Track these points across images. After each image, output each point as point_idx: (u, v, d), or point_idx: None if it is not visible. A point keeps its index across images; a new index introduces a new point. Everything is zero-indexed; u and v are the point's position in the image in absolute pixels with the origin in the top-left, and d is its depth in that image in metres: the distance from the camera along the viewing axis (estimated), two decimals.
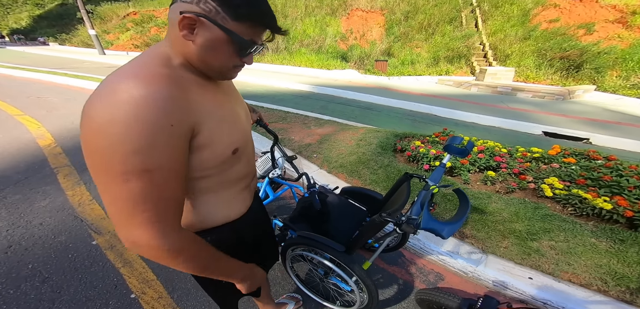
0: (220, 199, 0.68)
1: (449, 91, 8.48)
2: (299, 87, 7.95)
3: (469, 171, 2.51)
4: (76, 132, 3.63)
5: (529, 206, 2.04)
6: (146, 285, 1.54)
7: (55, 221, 2.02)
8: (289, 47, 13.40)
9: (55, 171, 2.68)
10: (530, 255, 1.65)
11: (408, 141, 3.07)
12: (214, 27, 0.49)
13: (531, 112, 6.03)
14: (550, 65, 8.90)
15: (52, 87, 6.47)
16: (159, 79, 0.47)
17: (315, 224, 1.35)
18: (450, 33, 11.31)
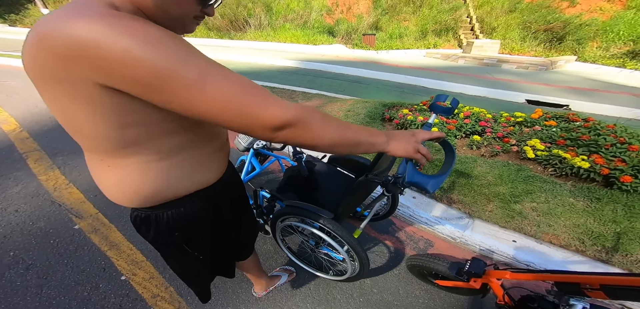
0: (194, 159, 0.61)
1: (437, 63, 8.46)
2: (285, 64, 7.67)
3: (455, 136, 2.56)
4: (42, 115, 3.38)
5: (512, 168, 2.11)
6: (136, 266, 1.51)
7: (31, 207, 1.91)
8: (272, 22, 12.69)
9: (24, 156, 2.51)
10: (514, 218, 1.71)
11: (396, 110, 3.08)
12: None
13: (515, 82, 6.16)
14: (535, 38, 9.01)
15: (8, 71, 5.94)
16: (112, 14, 0.39)
17: (303, 194, 1.33)
18: (438, 6, 11.09)
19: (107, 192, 0.58)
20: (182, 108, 0.43)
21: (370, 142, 0.58)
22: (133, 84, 0.40)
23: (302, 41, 10.95)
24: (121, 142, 0.49)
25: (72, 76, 0.39)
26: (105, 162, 0.53)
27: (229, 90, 0.43)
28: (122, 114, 0.45)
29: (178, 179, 0.59)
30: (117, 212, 1.86)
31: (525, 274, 0.92)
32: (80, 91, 0.41)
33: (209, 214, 0.70)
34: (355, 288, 1.42)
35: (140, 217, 0.63)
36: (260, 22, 12.54)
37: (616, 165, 1.84)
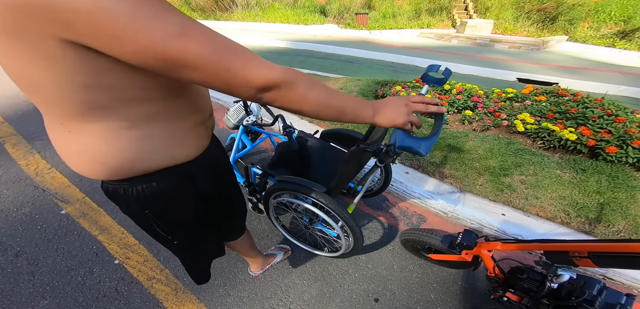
0: (170, 131, 0.55)
1: (430, 43, 8.38)
2: (275, 44, 7.47)
3: (448, 111, 2.57)
4: (16, 99, 3.18)
5: (502, 141, 2.15)
6: (129, 250, 1.49)
7: (13, 193, 1.83)
8: (260, 2, 12.12)
9: (1, 141, 2.38)
10: (503, 191, 1.75)
11: (389, 87, 3.07)
12: None
13: (507, 62, 6.19)
14: (528, 18, 8.98)
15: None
16: None
17: (296, 169, 1.32)
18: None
19: (69, 161, 0.52)
20: (156, 60, 0.38)
21: (356, 112, 0.56)
22: (96, 34, 0.35)
23: (292, 21, 10.57)
24: (84, 105, 0.43)
25: (30, 29, 0.34)
26: (66, 127, 0.47)
27: (214, 43, 0.40)
28: (85, 74, 0.40)
29: (150, 151, 0.54)
30: (105, 197, 1.81)
31: (515, 245, 0.94)
32: (39, 47, 0.36)
33: (186, 192, 0.65)
34: (350, 263, 1.44)
35: (109, 190, 0.59)
36: (247, 2, 11.96)
37: (602, 136, 1.89)
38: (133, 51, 0.37)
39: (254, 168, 1.41)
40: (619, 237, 1.47)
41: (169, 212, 0.65)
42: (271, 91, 0.45)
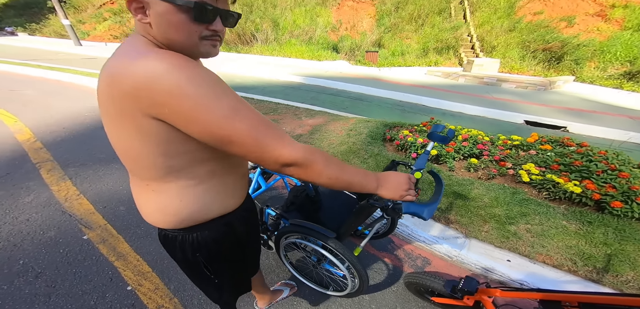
0: (223, 185, 0.67)
1: (437, 81, 8.63)
2: (290, 78, 7.87)
3: (453, 158, 2.62)
4: (56, 126, 3.49)
5: (508, 191, 2.18)
6: (142, 277, 1.56)
7: (42, 216, 1.97)
8: (278, 38, 13.11)
9: (38, 166, 2.59)
10: (509, 238, 1.76)
11: (397, 130, 3.15)
12: (156, 1, 0.48)
13: (514, 102, 6.27)
14: (534, 57, 9.21)
15: (25, 80, 6.12)
16: (169, 53, 0.49)
17: (307, 213, 1.39)
18: (439, 24, 11.42)
19: (149, 215, 0.65)
20: (213, 138, 0.50)
21: (363, 185, 0.66)
22: (177, 115, 0.48)
23: (306, 56, 11.27)
24: (167, 169, 0.57)
25: (132, 110, 0.48)
26: (151, 187, 0.60)
27: (253, 124, 0.51)
28: (169, 143, 0.53)
29: (209, 203, 0.66)
30: (125, 224, 1.93)
31: (513, 293, 0.99)
32: (137, 123, 0.50)
33: (230, 237, 0.75)
34: (355, 303, 1.46)
35: (169, 237, 0.69)
36: (266, 37, 12.96)
37: (607, 191, 1.89)
38: (198, 130, 0.50)
39: (268, 210, 1.50)
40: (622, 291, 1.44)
41: (215, 256, 0.75)
42: (293, 166, 0.55)
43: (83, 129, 3.44)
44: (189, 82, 0.46)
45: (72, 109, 4.15)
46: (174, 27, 0.50)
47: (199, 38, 0.52)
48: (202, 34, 0.52)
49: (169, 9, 0.48)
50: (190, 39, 0.52)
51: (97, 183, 2.36)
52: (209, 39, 0.54)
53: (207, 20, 0.51)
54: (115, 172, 2.50)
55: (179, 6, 0.48)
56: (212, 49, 0.56)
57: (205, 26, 0.52)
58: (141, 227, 1.90)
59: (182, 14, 0.49)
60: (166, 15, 0.49)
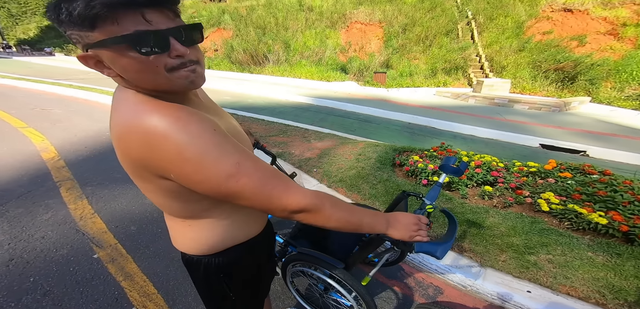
0: (248, 215, 0.71)
1: (446, 102, 8.61)
2: (299, 99, 8.07)
3: (466, 185, 2.54)
4: (79, 145, 3.67)
5: (526, 220, 2.07)
6: (147, 299, 1.55)
7: (57, 234, 2.03)
8: (289, 58, 13.66)
9: (58, 184, 2.70)
10: (528, 268, 1.67)
11: (407, 156, 3.10)
12: (97, 51, 0.43)
13: (528, 124, 6.12)
14: (546, 77, 9.09)
15: (56, 99, 6.55)
16: (164, 105, 0.48)
17: (314, 240, 1.37)
18: (447, 45, 11.60)
19: (183, 244, 0.69)
20: (220, 195, 0.51)
21: (372, 225, 0.66)
22: (182, 178, 0.49)
23: (316, 77, 11.62)
24: (194, 212, 0.62)
25: (146, 173, 0.51)
26: (187, 223, 0.65)
27: (258, 178, 0.52)
28: (187, 195, 0.56)
29: (237, 231, 0.70)
30: (135, 244, 1.95)
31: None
32: (154, 183, 0.53)
33: (251, 261, 0.78)
34: None
35: (193, 260, 0.71)
36: (278, 58, 13.55)
37: (635, 222, 1.77)
38: (204, 189, 0.51)
39: (276, 237, 1.49)
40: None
41: (237, 278, 0.77)
42: (302, 213, 0.56)
43: (103, 148, 3.61)
44: (189, 146, 0.45)
45: (94, 129, 4.37)
46: (133, 71, 0.45)
47: (166, 71, 0.46)
48: (168, 65, 0.45)
49: (113, 55, 0.43)
50: (158, 77, 0.45)
51: (112, 202, 2.43)
52: (180, 69, 0.47)
53: (159, 48, 0.44)
54: (129, 192, 2.57)
55: (117, 47, 0.42)
56: (191, 76, 0.48)
57: (164, 56, 0.45)
58: (150, 248, 1.92)
59: (126, 54, 0.43)
60: (117, 62, 0.44)
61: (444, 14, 12.56)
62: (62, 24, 0.42)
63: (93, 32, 0.41)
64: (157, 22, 0.44)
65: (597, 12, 9.62)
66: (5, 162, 3.11)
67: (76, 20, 0.40)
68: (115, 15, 0.41)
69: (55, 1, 0.40)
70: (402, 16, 13.33)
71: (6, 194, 2.49)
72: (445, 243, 0.75)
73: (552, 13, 10.41)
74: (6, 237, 1.97)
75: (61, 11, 0.40)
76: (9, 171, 2.91)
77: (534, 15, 10.69)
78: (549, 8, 10.52)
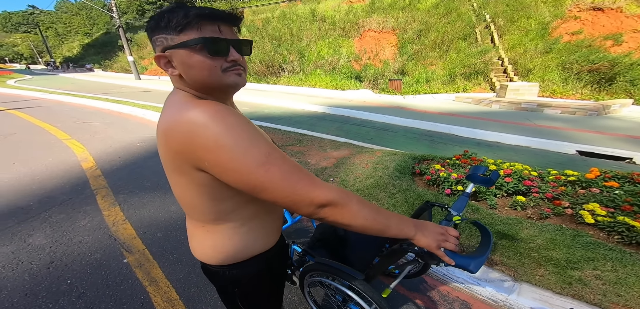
0: (262, 225, 0.72)
1: (467, 108, 8.27)
2: (314, 109, 8.15)
3: (495, 195, 2.38)
4: (114, 155, 3.96)
5: (567, 233, 1.89)
6: (169, 304, 1.59)
7: (92, 239, 2.17)
8: (304, 68, 13.93)
9: (95, 192, 2.92)
10: (572, 284, 1.52)
11: (427, 164, 2.99)
12: (173, 51, 0.54)
13: (562, 130, 5.68)
14: (579, 79, 8.44)
15: (95, 112, 7.16)
16: (208, 102, 0.55)
17: (333, 250, 1.34)
18: (465, 49, 11.24)
19: (201, 253, 0.71)
20: (248, 186, 0.53)
21: (400, 228, 0.64)
22: (216, 166, 0.52)
23: (330, 86, 11.70)
24: (217, 213, 0.64)
25: (183, 165, 0.55)
26: (205, 228, 0.67)
27: (286, 169, 0.54)
28: (217, 190, 0.59)
29: (252, 242, 0.71)
30: (160, 250, 2.04)
31: None
32: (189, 176, 0.57)
33: (266, 274, 0.78)
34: None
35: (212, 271, 0.74)
36: (293, 68, 13.88)
37: None
38: (234, 179, 0.53)
39: (294, 246, 1.49)
40: None
41: (251, 292, 0.78)
42: (328, 207, 0.56)
43: (135, 158, 3.86)
44: (225, 135, 0.50)
45: (127, 140, 4.71)
46: (196, 69, 0.55)
47: (221, 71, 0.56)
48: (223, 67, 0.56)
49: (187, 53, 0.54)
50: (214, 74, 0.55)
51: (141, 209, 2.57)
52: (231, 70, 0.57)
53: (222, 53, 0.55)
54: (157, 200, 2.71)
55: (193, 47, 0.53)
56: (238, 78, 0.59)
57: (223, 59, 0.56)
58: (174, 254, 1.98)
59: (197, 53, 0.53)
60: (187, 60, 0.54)
61: (460, 18, 12.25)
62: (157, 30, 0.55)
63: (179, 35, 0.53)
64: (225, 33, 0.56)
65: (631, 10, 8.92)
66: (52, 171, 3.43)
67: (172, 26, 0.53)
68: (200, 23, 0.53)
69: (160, 12, 0.54)
70: (416, 22, 13.19)
71: (50, 201, 2.73)
72: (479, 257, 0.69)
73: (580, 12, 9.78)
74: (48, 241, 2.14)
75: (162, 19, 0.53)
76: (54, 180, 3.19)
77: (560, 15, 10.10)
78: (576, 8, 9.90)
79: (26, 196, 2.83)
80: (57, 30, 37.02)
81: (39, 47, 37.75)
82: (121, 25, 17.12)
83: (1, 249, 2.04)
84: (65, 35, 38.50)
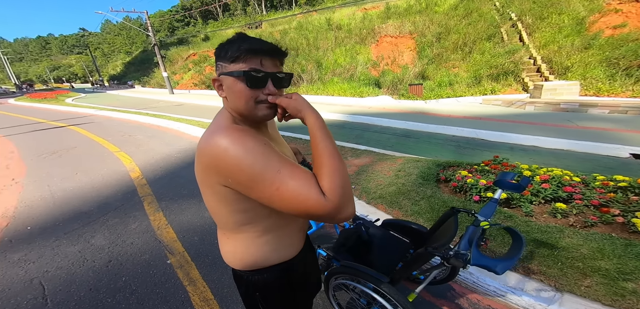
0: (281, 237, 0.76)
1: (497, 111, 7.80)
2: (334, 117, 8.22)
3: (531, 202, 2.24)
4: (156, 166, 4.38)
5: (617, 242, 1.74)
6: (205, 304, 1.72)
7: (141, 241, 2.43)
8: (321, 77, 14.14)
9: (142, 199, 3.26)
10: (624, 297, 1.41)
11: (453, 171, 2.89)
12: (224, 77, 0.63)
13: (611, 131, 5.12)
14: (628, 75, 7.57)
15: (138, 126, 7.92)
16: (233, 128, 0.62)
17: (357, 255, 1.38)
18: (490, 50, 10.71)
19: (225, 256, 0.79)
20: (265, 199, 0.58)
21: None
22: (238, 185, 0.59)
23: (349, 94, 11.73)
24: (236, 223, 0.70)
25: (211, 180, 0.62)
26: (227, 235, 0.76)
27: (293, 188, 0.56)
28: (237, 202, 0.65)
29: (269, 253, 0.76)
30: (198, 252, 2.22)
31: None
32: (215, 189, 0.64)
33: (285, 283, 0.82)
34: None
35: (237, 274, 0.83)
36: (311, 77, 14.14)
37: None
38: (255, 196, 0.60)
39: (319, 250, 1.55)
40: None
41: (271, 298, 0.83)
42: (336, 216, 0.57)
43: (173, 168, 4.23)
44: (245, 157, 0.56)
45: (166, 152, 5.15)
46: (237, 95, 0.62)
47: (255, 103, 0.62)
48: (258, 99, 0.62)
49: (232, 81, 0.62)
50: (248, 105, 0.62)
51: (180, 215, 2.82)
52: (265, 103, 0.63)
53: (259, 85, 0.61)
54: (193, 207, 2.96)
55: (237, 76, 0.61)
56: (268, 112, 0.65)
57: (260, 91, 0.62)
58: (209, 257, 2.16)
59: (240, 82, 0.61)
60: (231, 87, 0.62)
61: (482, 18, 11.74)
62: (218, 57, 0.64)
63: (230, 65, 0.62)
64: (267, 66, 0.62)
65: None
66: (106, 180, 3.90)
67: (228, 57, 0.61)
68: (246, 57, 0.60)
69: (222, 42, 0.64)
70: (435, 25, 12.86)
71: (107, 207, 3.11)
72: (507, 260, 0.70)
73: (621, 5, 8.87)
74: (106, 242, 2.45)
75: (223, 49, 0.63)
76: (108, 188, 3.63)
77: (597, 9, 9.25)
78: (616, 0, 9.00)
79: (88, 202, 3.25)
80: (103, 50, 41.18)
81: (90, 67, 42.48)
82: (156, 43, 18.69)
83: (70, 249, 2.37)
84: (110, 55, 42.69)
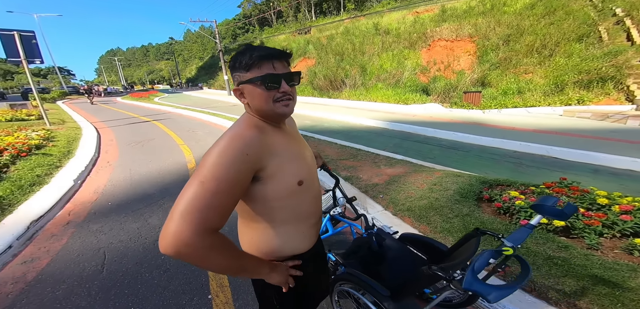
0: (294, 231, 0.81)
1: (583, 124, 6.34)
2: (373, 123, 7.97)
3: (600, 234, 1.77)
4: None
5: None
6: (220, 289, 1.84)
7: None
8: (365, 82, 13.87)
9: None
10: None
11: (500, 190, 2.46)
12: (243, 85, 0.70)
13: None
14: None
15: (199, 124, 9.10)
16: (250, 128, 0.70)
17: (367, 265, 1.32)
18: (580, 52, 8.80)
19: (243, 245, 0.85)
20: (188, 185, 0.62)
21: (257, 270, 0.75)
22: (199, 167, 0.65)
23: (392, 100, 11.26)
24: (252, 212, 0.76)
25: None
26: (245, 224, 0.81)
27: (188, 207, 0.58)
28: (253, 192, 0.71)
29: (282, 244, 0.81)
30: None
31: None
32: None
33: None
34: None
35: None
36: (354, 82, 14.00)
37: None
38: None
39: (329, 254, 1.52)
40: None
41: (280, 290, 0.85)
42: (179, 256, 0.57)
43: None
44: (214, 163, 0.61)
45: None
46: (257, 99, 0.70)
47: (273, 101, 0.70)
48: (275, 97, 0.70)
49: (252, 87, 0.69)
50: (268, 104, 0.70)
51: None
52: (281, 101, 0.71)
53: (275, 86, 0.69)
54: None
55: (255, 82, 0.69)
56: (285, 109, 0.73)
57: (275, 91, 0.69)
58: None
59: (258, 87, 0.69)
60: (252, 92, 0.70)
61: (570, 16, 9.76)
62: (234, 68, 0.72)
63: (246, 73, 0.69)
64: (278, 68, 0.70)
65: None
66: (170, 168, 4.56)
67: (242, 66, 0.69)
68: (260, 63, 0.68)
69: (234, 55, 0.72)
70: (502, 27, 11.26)
71: (166, 191, 3.62)
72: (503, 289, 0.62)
73: None
74: (159, 222, 2.82)
75: (237, 60, 0.70)
76: (170, 175, 4.24)
77: None
78: None
79: (153, 186, 3.85)
80: (184, 56, 49.18)
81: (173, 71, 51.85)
82: (221, 49, 21.31)
83: (132, 225, 2.81)
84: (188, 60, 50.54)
